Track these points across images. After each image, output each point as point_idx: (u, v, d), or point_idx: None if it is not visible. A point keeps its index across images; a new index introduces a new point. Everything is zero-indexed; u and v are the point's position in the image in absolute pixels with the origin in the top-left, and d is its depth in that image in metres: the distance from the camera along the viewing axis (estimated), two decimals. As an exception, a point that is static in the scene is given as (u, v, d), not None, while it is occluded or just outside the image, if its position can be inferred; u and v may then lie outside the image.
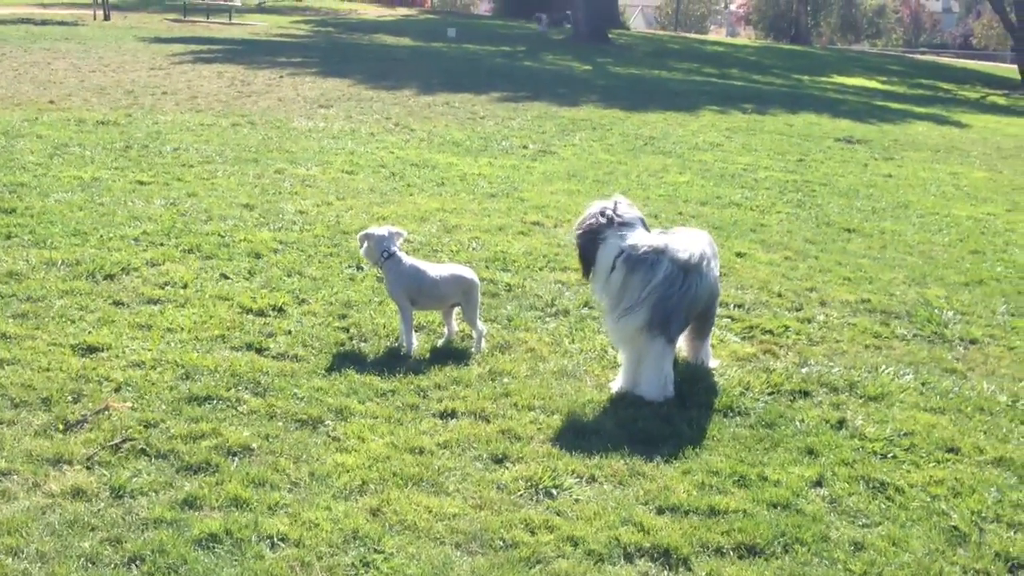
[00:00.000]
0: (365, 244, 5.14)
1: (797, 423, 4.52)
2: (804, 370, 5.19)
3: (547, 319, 5.71)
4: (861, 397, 4.89)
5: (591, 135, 12.78)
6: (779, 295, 6.42)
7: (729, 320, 5.89)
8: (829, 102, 19.89)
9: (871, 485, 4.02)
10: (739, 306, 6.15)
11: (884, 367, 5.29)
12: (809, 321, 5.99)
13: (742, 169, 11.15)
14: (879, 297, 6.56)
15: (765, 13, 56.60)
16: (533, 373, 4.89)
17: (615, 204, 4.88)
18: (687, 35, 48.60)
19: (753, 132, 14.28)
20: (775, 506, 3.80)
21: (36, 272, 5.76)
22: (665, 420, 4.44)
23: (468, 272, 5.27)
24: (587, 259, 4.78)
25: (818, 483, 4.01)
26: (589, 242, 4.76)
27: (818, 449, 4.27)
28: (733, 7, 70.48)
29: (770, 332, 5.72)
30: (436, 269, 5.23)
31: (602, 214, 4.78)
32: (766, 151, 12.61)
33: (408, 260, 5.16)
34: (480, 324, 5.19)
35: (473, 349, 5.11)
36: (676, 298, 4.54)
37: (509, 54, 25.97)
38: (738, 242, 7.72)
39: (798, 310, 6.18)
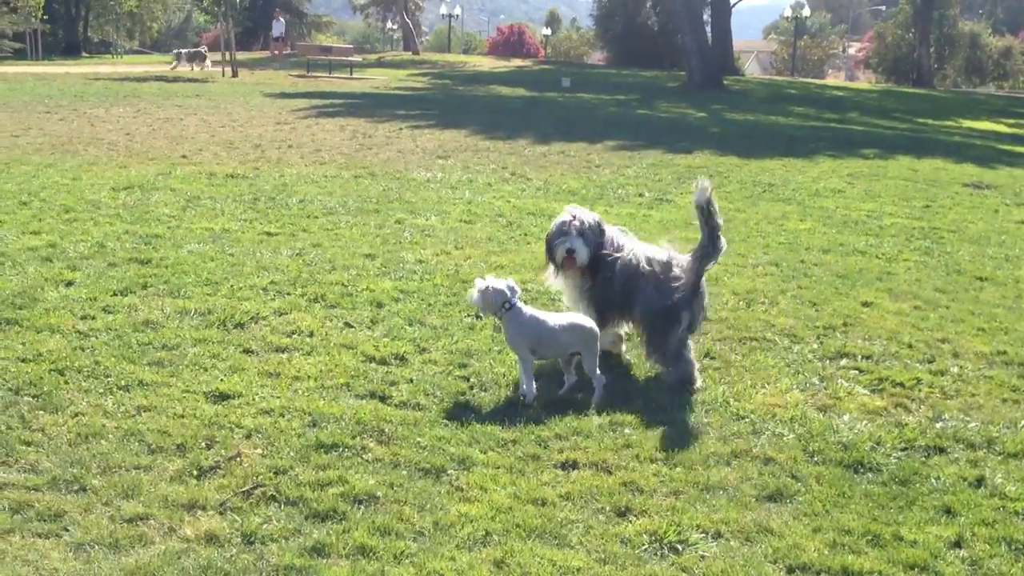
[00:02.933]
0: (482, 295, 5.13)
1: (933, 480, 4.34)
2: (939, 425, 4.99)
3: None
4: (1000, 454, 4.68)
5: (708, 182, 12.66)
6: (909, 346, 6.21)
7: (857, 372, 5.72)
8: (955, 146, 19.33)
9: (1013, 547, 3.82)
10: (867, 357, 5.97)
11: (1024, 422, 5.05)
12: (942, 373, 5.77)
13: (865, 215, 10.89)
14: (1016, 349, 6.28)
15: (885, 56, 55.50)
16: (655, 424, 4.82)
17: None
18: (804, 80, 47.94)
19: (876, 177, 13.95)
20: (912, 567, 3.64)
21: (171, 321, 5.97)
22: (793, 475, 4.32)
23: (587, 321, 5.27)
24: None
25: (957, 544, 3.84)
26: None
27: (956, 508, 4.09)
28: (852, 51, 69.35)
29: (901, 385, 5.53)
30: (555, 319, 5.24)
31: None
32: (890, 197, 12.30)
33: (527, 311, 5.19)
34: (599, 373, 5.16)
35: (593, 398, 5.08)
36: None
37: (623, 102, 26.06)
38: (864, 291, 7.52)
39: (930, 362, 5.96)
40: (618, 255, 5.64)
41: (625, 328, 5.84)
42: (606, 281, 5.59)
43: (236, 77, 29.96)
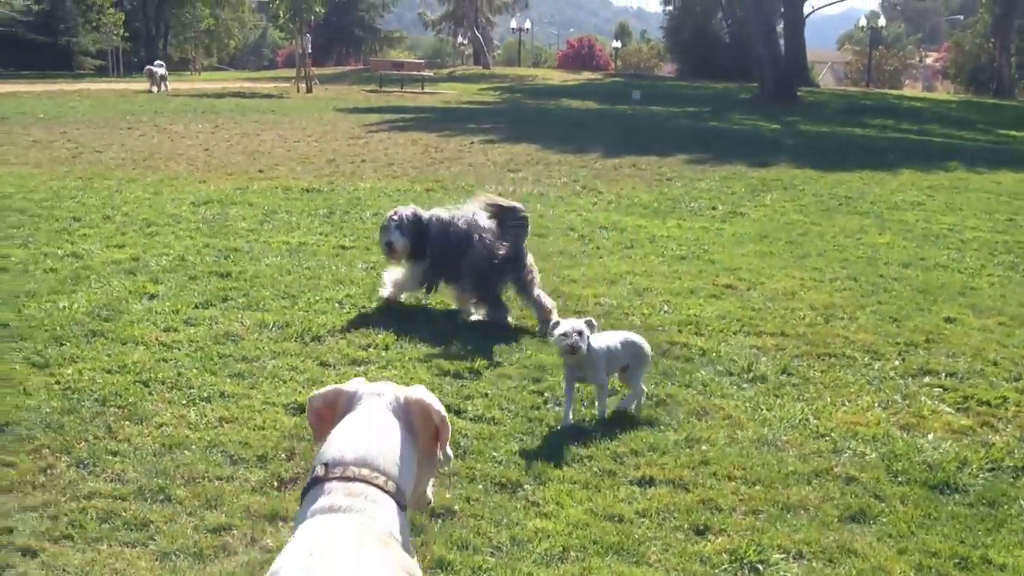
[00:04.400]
0: (577, 337, 4.87)
1: (1022, 502, 4.22)
2: (1027, 445, 4.85)
3: (744, 385, 5.57)
4: (1093, 476, 4.52)
5: (782, 195, 12.52)
6: (995, 364, 6.04)
7: (941, 390, 5.59)
8: (1038, 157, 18.83)
9: (1110, 573, 3.69)
10: (951, 375, 5.82)
11: (1118, 443, 4.88)
12: (1030, 392, 5.61)
13: (947, 229, 10.66)
14: (1108, 367, 6.08)
15: (963, 66, 54.33)
16: (732, 441, 4.76)
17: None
18: (881, 90, 47.14)
19: (957, 190, 13.65)
20: (1002, 592, 3.54)
21: (250, 333, 6.07)
22: (876, 495, 4.23)
23: (638, 337, 5.32)
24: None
25: (1049, 569, 3.72)
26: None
27: (1047, 531, 3.97)
28: (929, 61, 68.07)
29: (987, 403, 5.38)
30: (605, 336, 5.21)
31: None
32: (972, 210, 12.02)
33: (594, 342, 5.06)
34: (642, 386, 5.17)
35: (630, 407, 5.11)
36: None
37: (694, 115, 25.90)
38: (946, 306, 7.35)
39: (1016, 380, 5.80)
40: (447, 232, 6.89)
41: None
42: (437, 258, 6.84)
43: (310, 93, 30.44)
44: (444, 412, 2.31)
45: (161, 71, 30.56)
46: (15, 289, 6.76)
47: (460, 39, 72.59)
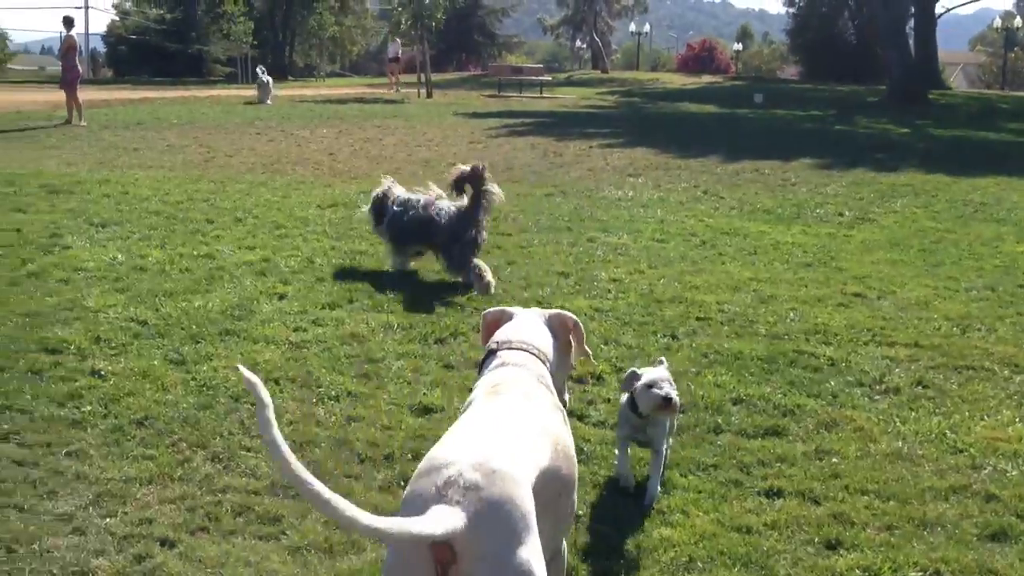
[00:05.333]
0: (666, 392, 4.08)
1: None
2: None
3: (876, 397, 5.40)
4: None
5: (913, 201, 12.12)
6: None
7: (1088, 406, 5.32)
8: None
9: None
10: (1099, 390, 5.53)
11: None
12: None
13: (1090, 238, 10.14)
14: None
15: (1107, 66, 51.73)
16: (863, 454, 4.62)
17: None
18: (1017, 93, 45.22)
19: (1101, 196, 12.98)
20: None
21: (375, 335, 6.18)
22: (1018, 514, 4.04)
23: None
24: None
25: None
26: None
27: None
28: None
29: None
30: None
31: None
32: (1119, 217, 11.42)
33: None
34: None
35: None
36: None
37: (819, 118, 25.31)
38: (1092, 319, 6.99)
39: None
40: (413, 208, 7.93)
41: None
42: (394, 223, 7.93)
43: (430, 98, 30.85)
44: (576, 319, 3.28)
45: (265, 78, 28.54)
46: (154, 288, 7.02)
47: (578, 43, 72.63)
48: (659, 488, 4.16)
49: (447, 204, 7.87)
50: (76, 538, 3.65)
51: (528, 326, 3.13)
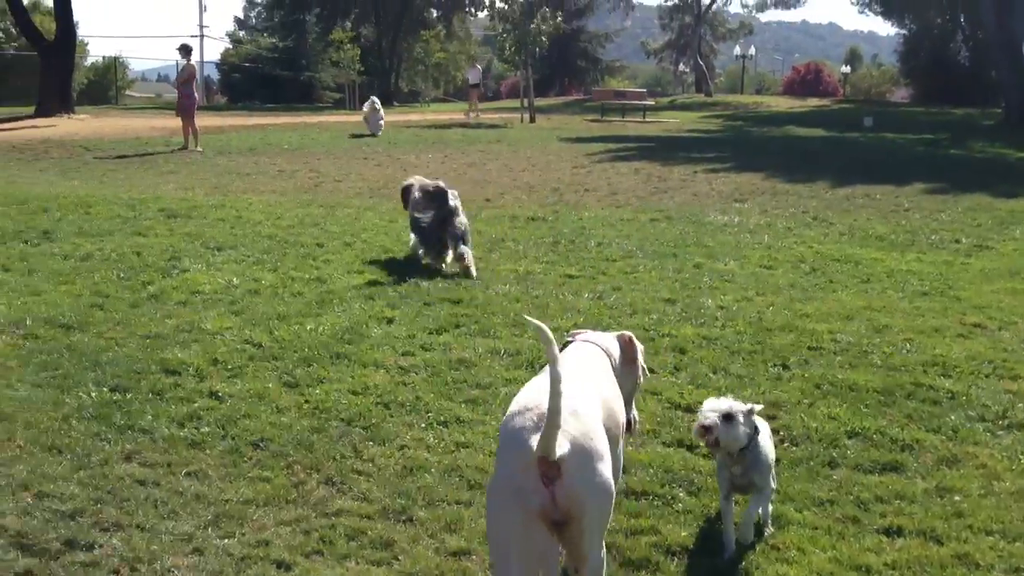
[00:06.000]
0: (727, 426, 3.86)
1: None
2: None
3: (999, 432, 5.20)
4: None
5: (1035, 228, 11.68)
6: None
7: None
8: None
9: None
10: None
11: None
12: None
13: None
14: None
15: None
16: (987, 492, 4.45)
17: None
18: None
19: None
20: None
21: (483, 360, 6.21)
22: None
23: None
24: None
25: None
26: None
27: None
28: None
29: None
30: (767, 441, 4.12)
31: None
32: None
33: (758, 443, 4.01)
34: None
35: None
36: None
37: (932, 142, 24.64)
38: None
39: None
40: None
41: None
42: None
43: (534, 123, 31.02)
44: (631, 335, 4.03)
45: (378, 108, 26.10)
46: (267, 311, 7.20)
47: (682, 67, 72.25)
48: (768, 521, 4.06)
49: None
50: (196, 558, 3.75)
51: (601, 333, 3.95)
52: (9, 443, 4.74)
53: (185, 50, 22.07)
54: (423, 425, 5.11)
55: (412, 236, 9.37)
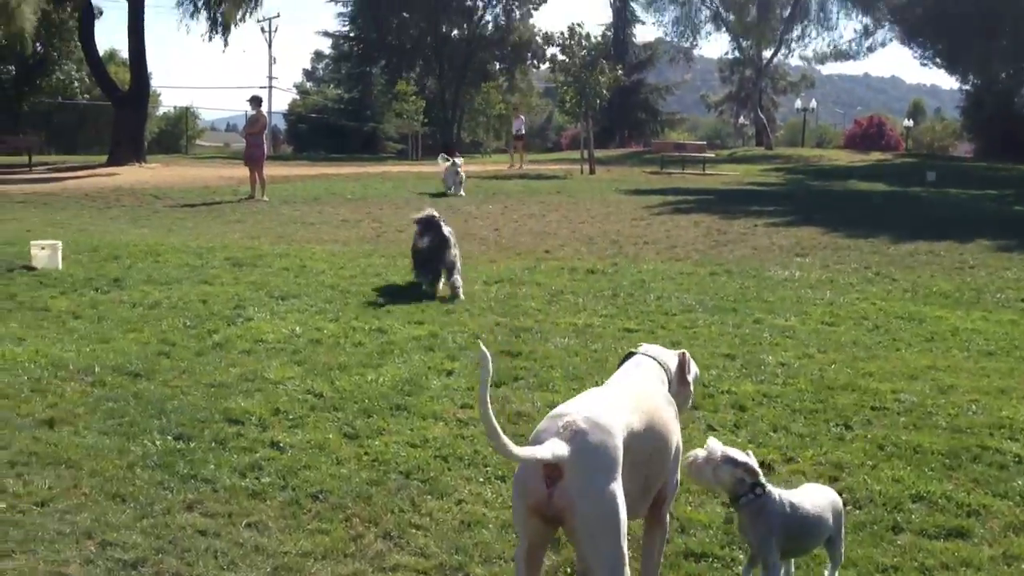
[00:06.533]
0: (713, 469, 3.83)
1: None
2: None
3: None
4: None
5: (1106, 287, 11.41)
6: None
7: None
8: None
9: None
10: None
11: None
12: None
13: None
14: None
15: None
16: (1058, 562, 4.33)
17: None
18: None
19: None
20: None
21: (541, 414, 6.17)
22: None
23: (834, 493, 4.21)
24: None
25: None
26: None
27: None
28: None
29: None
30: (811, 498, 4.02)
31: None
32: None
33: (779, 494, 3.89)
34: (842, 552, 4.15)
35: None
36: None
37: (997, 198, 24.31)
38: None
39: None
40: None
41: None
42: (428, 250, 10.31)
43: (593, 174, 31.16)
44: (685, 353, 4.14)
45: (452, 162, 23.50)
46: (329, 361, 7.29)
47: (742, 119, 72.15)
48: None
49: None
50: (255, 609, 3.79)
51: (662, 348, 4.14)
52: (75, 490, 4.84)
53: (256, 101, 22.62)
54: (481, 479, 5.11)
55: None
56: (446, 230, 10.42)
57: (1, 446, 5.40)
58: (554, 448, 3.15)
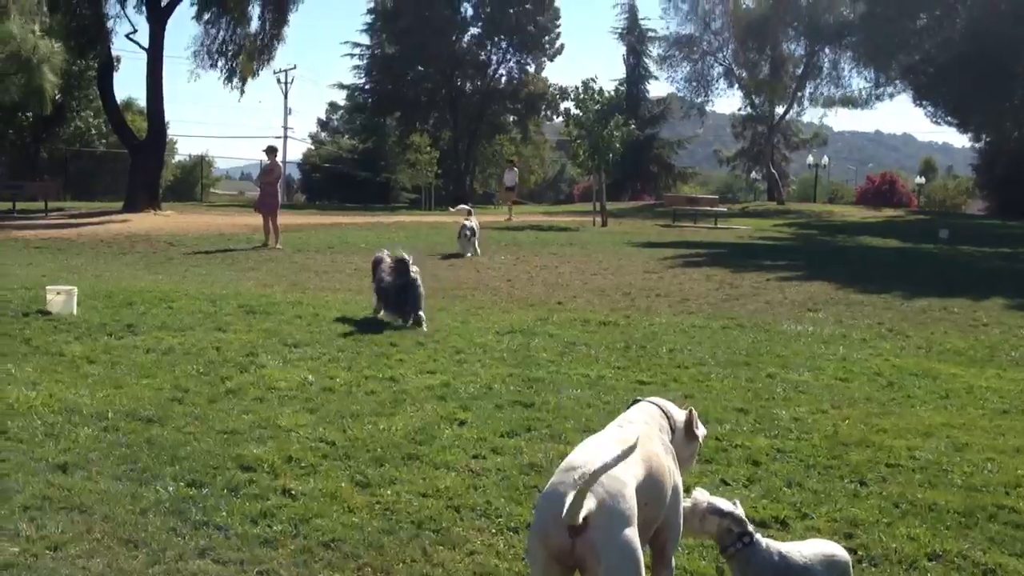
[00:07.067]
0: (700, 520, 3.96)
1: None
2: None
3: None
4: None
5: (1122, 347, 11.36)
6: None
7: None
8: None
9: None
10: None
11: None
12: None
13: None
14: None
15: None
16: (1077, 625, 4.28)
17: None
18: None
19: None
20: None
21: (554, 465, 6.15)
22: None
23: (837, 548, 4.21)
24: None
25: None
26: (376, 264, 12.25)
27: None
28: None
29: None
30: (800, 549, 4.04)
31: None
32: None
33: (767, 544, 3.98)
34: None
35: None
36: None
37: (1010, 256, 24.27)
38: None
39: None
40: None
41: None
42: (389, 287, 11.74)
43: (605, 226, 31.27)
44: (692, 413, 4.19)
45: (470, 223, 21.17)
46: (341, 409, 7.29)
47: (754, 174, 72.47)
48: None
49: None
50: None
51: (667, 401, 4.24)
52: (88, 535, 4.84)
53: (271, 151, 22.87)
54: (494, 531, 5.09)
55: (374, 297, 11.90)
56: (413, 271, 11.73)
57: (15, 490, 5.41)
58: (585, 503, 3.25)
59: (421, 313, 11.47)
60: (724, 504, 3.91)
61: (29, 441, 6.31)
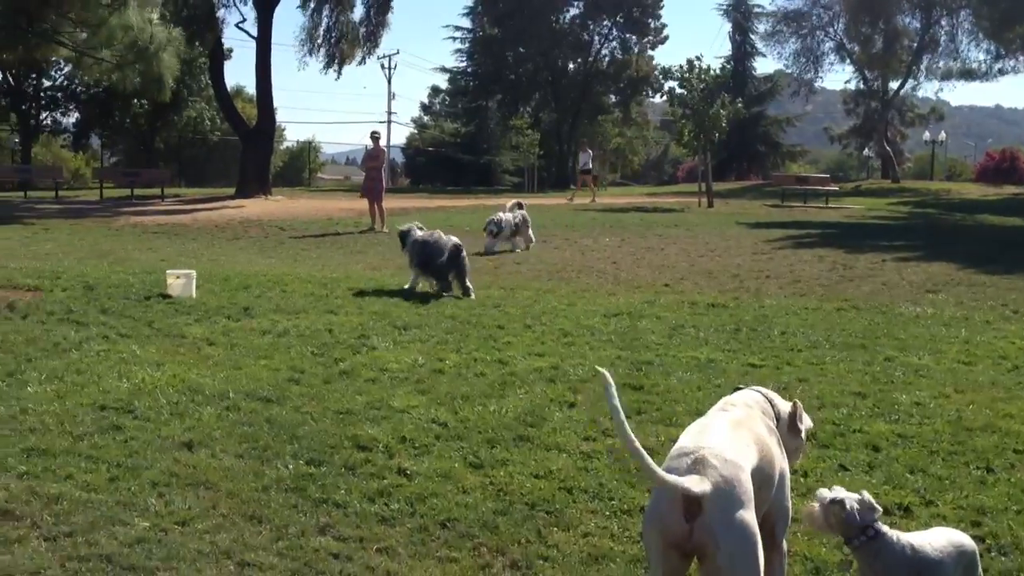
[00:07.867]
0: (824, 511, 3.82)
1: None
2: None
3: None
4: None
5: None
6: None
7: None
8: None
9: None
10: None
11: None
12: None
13: None
14: None
15: None
16: None
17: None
18: None
19: None
20: None
21: (664, 449, 6.05)
22: None
23: (964, 537, 4.03)
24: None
25: None
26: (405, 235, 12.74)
27: None
28: None
29: None
30: (931, 541, 3.87)
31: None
32: None
33: (897, 536, 3.81)
34: None
35: None
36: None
37: None
38: None
39: None
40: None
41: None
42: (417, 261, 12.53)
43: (711, 207, 30.85)
44: (797, 405, 4.16)
45: (512, 217, 18.36)
46: (452, 391, 7.36)
47: (867, 152, 70.45)
48: None
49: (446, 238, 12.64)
50: (387, 635, 3.82)
51: (772, 391, 4.22)
52: (213, 511, 4.98)
53: (375, 136, 23.18)
54: (607, 513, 5.07)
55: (413, 271, 12.52)
56: (453, 240, 12.65)
57: (144, 466, 5.60)
58: (699, 483, 3.23)
59: (469, 285, 12.32)
60: (845, 496, 3.76)
61: (155, 420, 6.53)
